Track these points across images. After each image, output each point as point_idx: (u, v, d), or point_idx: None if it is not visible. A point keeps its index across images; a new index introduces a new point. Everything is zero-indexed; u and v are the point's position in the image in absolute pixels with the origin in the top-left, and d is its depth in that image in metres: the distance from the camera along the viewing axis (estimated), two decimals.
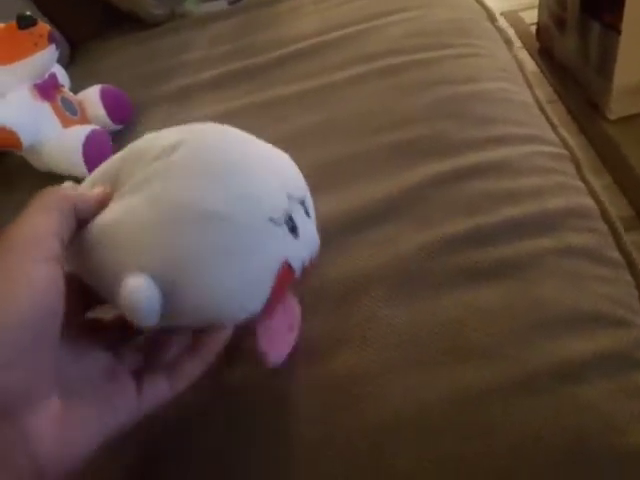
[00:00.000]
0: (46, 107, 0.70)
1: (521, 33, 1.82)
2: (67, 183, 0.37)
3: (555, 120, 0.61)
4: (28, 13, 0.66)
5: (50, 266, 0.27)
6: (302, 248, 0.35)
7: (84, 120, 0.76)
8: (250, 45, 0.87)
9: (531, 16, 1.83)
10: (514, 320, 0.42)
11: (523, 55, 1.70)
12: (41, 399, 0.25)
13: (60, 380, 0.27)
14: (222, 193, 0.32)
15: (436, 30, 0.72)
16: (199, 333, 0.36)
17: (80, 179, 0.71)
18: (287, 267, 0.34)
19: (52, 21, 1.05)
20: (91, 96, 0.77)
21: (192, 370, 0.35)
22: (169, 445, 0.41)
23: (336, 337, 0.44)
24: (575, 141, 0.59)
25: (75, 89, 0.79)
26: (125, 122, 0.78)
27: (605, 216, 0.51)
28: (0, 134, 0.65)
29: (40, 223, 0.28)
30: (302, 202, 0.37)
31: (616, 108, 1.37)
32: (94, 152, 0.70)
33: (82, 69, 0.99)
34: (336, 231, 0.51)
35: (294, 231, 0.34)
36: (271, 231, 0.33)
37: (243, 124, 0.39)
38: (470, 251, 0.47)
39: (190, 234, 0.31)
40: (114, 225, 0.31)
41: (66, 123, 0.72)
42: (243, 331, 0.37)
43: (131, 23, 1.08)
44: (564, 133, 0.59)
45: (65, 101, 0.73)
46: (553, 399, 0.38)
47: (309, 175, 0.38)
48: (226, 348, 0.36)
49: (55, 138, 0.70)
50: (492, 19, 0.81)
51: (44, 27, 0.67)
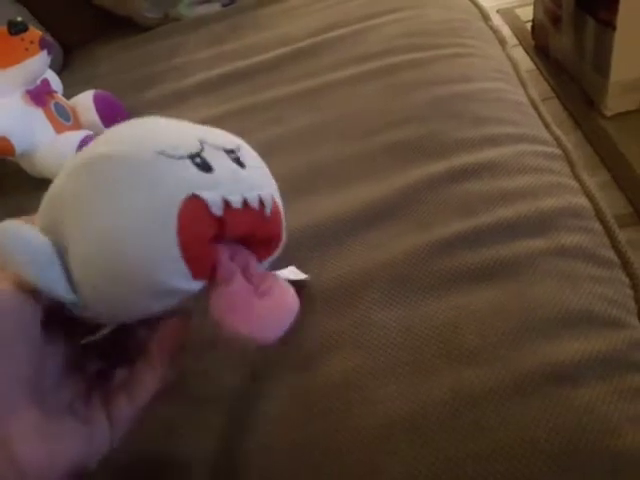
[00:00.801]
0: (39, 113, 0.70)
1: (516, 30, 1.82)
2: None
3: (549, 119, 0.61)
4: (19, 19, 0.66)
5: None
6: (218, 184, 0.31)
7: (77, 126, 0.75)
8: (244, 47, 0.87)
9: (526, 13, 1.83)
10: (508, 322, 0.42)
11: (518, 52, 1.70)
12: (21, 406, 0.25)
13: (37, 396, 0.26)
14: (116, 140, 0.31)
15: (430, 30, 0.72)
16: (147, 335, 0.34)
17: None
18: (194, 200, 0.29)
19: (45, 26, 1.05)
20: (84, 102, 0.77)
21: (151, 380, 0.32)
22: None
23: (330, 340, 0.44)
24: (571, 138, 0.59)
25: (68, 94, 0.79)
26: None
27: (600, 215, 0.51)
28: None
29: None
30: (228, 151, 0.33)
31: (612, 104, 1.36)
32: None
33: (75, 74, 0.99)
34: (331, 232, 0.50)
35: (204, 167, 0.31)
36: (163, 163, 0.29)
37: (237, 126, 0.39)
38: (464, 252, 0.47)
39: (73, 177, 0.29)
40: None
41: (59, 129, 0.72)
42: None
43: (125, 27, 1.08)
44: (558, 132, 0.59)
45: (58, 107, 0.73)
46: (547, 401, 0.38)
47: (304, 175, 0.38)
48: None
49: (48, 144, 0.70)
50: (486, 18, 0.80)
51: (35, 33, 0.67)
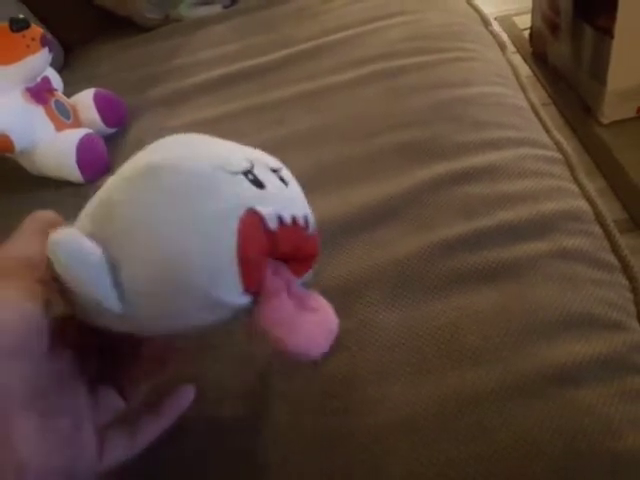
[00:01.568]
0: (39, 111, 0.70)
1: (514, 38, 1.83)
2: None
3: (549, 124, 0.61)
4: (21, 16, 0.66)
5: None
6: (271, 200, 0.30)
7: (77, 124, 0.75)
8: (245, 48, 0.87)
9: (524, 21, 1.84)
10: (509, 323, 0.42)
11: (516, 60, 1.71)
12: (22, 407, 0.25)
13: (38, 398, 0.26)
14: (171, 152, 0.30)
15: (431, 34, 0.73)
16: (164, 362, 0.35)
17: (73, 183, 0.71)
18: (252, 214, 0.29)
19: (46, 25, 1.05)
20: (85, 100, 0.77)
21: (153, 431, 0.33)
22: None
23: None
24: (568, 144, 0.59)
25: (69, 93, 0.79)
26: (119, 126, 0.78)
27: (600, 219, 0.51)
28: None
29: (34, 247, 0.28)
30: (273, 170, 0.33)
31: (609, 112, 1.37)
32: (88, 156, 0.70)
33: (76, 73, 0.98)
34: (332, 233, 0.50)
35: (257, 184, 0.30)
36: (221, 177, 0.29)
37: (239, 127, 0.39)
38: (465, 254, 0.47)
39: (130, 185, 0.29)
40: None
41: (59, 127, 0.72)
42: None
43: (125, 27, 1.08)
44: (558, 136, 0.60)
45: (58, 105, 0.73)
46: (548, 403, 0.38)
47: (306, 177, 0.38)
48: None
49: (48, 142, 0.70)
50: (486, 23, 0.81)
51: (37, 30, 0.67)
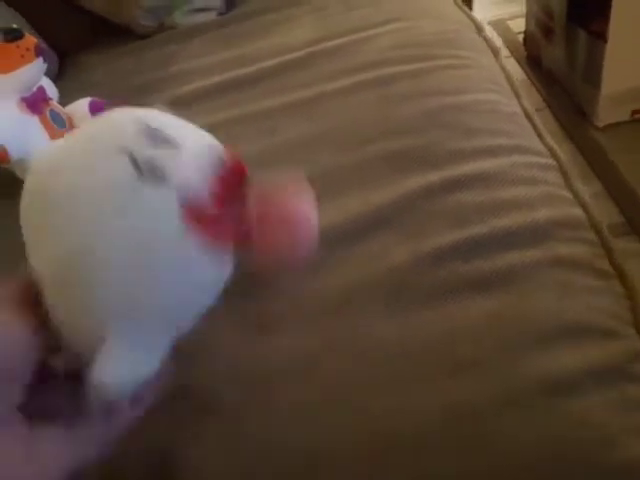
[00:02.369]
0: (34, 120, 0.70)
1: (508, 42, 1.84)
2: None
3: (543, 130, 0.62)
4: (15, 26, 0.66)
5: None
6: (188, 178, 0.28)
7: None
8: (239, 56, 0.87)
9: (518, 25, 1.85)
10: (504, 333, 0.42)
11: (510, 64, 1.72)
12: (6, 418, 0.25)
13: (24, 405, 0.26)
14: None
15: (425, 42, 0.73)
16: None
17: None
18: (187, 206, 0.27)
19: (40, 33, 1.05)
20: (80, 109, 0.77)
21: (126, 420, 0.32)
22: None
23: (326, 350, 0.44)
24: (563, 148, 0.60)
25: (63, 101, 0.79)
26: None
27: (595, 226, 0.51)
28: None
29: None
30: (150, 138, 0.29)
31: (603, 115, 1.38)
32: None
33: (71, 81, 0.98)
34: (325, 242, 0.50)
35: (156, 177, 0.27)
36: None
37: (232, 135, 0.39)
38: (459, 263, 0.47)
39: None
40: None
41: (55, 136, 0.71)
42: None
43: (120, 35, 1.08)
44: (552, 143, 0.60)
45: (54, 114, 0.73)
46: (545, 412, 0.38)
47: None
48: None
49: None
50: (479, 30, 0.81)
51: (31, 40, 0.67)
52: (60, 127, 0.73)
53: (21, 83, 0.67)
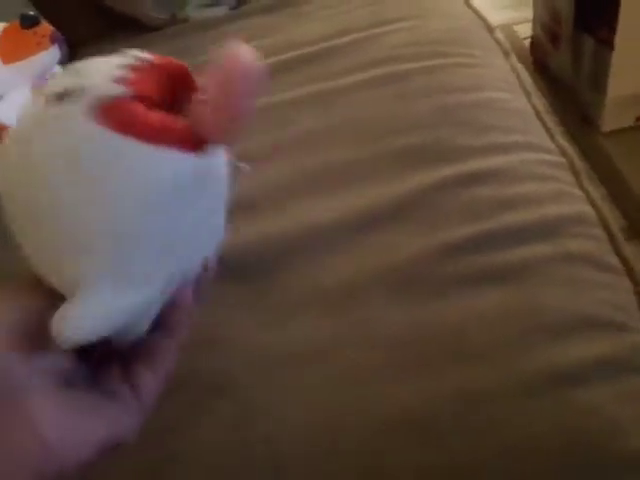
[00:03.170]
0: None
1: (515, 47, 1.84)
2: None
3: (554, 129, 0.62)
4: (32, 13, 0.66)
5: None
6: (95, 79, 0.26)
7: None
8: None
9: (525, 30, 1.85)
10: (514, 324, 0.43)
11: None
12: (38, 384, 0.25)
13: (58, 372, 0.27)
14: None
15: (437, 39, 0.73)
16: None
17: None
18: (100, 105, 0.25)
19: (52, 23, 1.05)
20: None
21: (170, 351, 0.31)
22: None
23: (339, 338, 0.44)
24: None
25: None
26: None
27: (604, 223, 0.52)
28: (1, 132, 0.65)
29: None
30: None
31: (609, 121, 1.38)
32: None
33: None
34: (339, 234, 0.51)
35: (61, 96, 0.25)
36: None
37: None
38: (471, 256, 0.47)
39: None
40: None
41: None
42: None
43: (131, 27, 1.08)
44: (562, 141, 0.60)
45: None
46: (554, 402, 0.39)
47: (312, 178, 0.38)
48: None
49: None
50: (490, 30, 0.82)
51: (47, 27, 0.68)
52: None
53: (36, 69, 0.68)
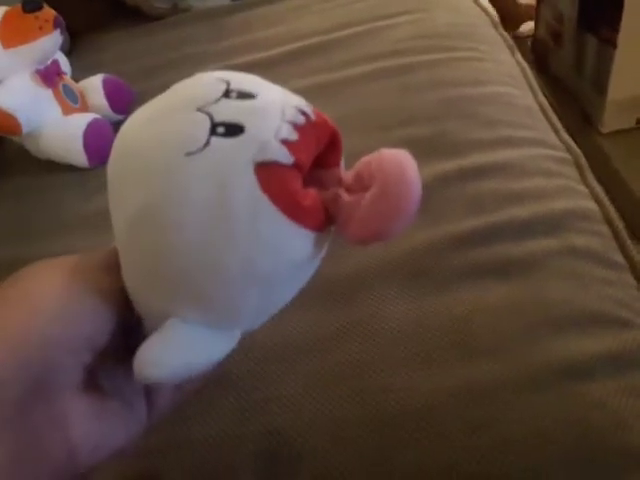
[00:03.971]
0: (48, 93, 0.69)
1: (516, 45, 1.84)
2: None
3: (559, 125, 0.62)
4: None
5: None
6: (263, 127, 0.24)
7: (85, 109, 0.75)
8: (253, 41, 0.87)
9: (527, 28, 1.85)
10: (520, 318, 0.42)
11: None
12: (75, 383, 0.25)
13: (91, 375, 0.26)
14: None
15: (442, 33, 0.73)
16: None
17: (79, 167, 0.71)
18: (262, 163, 0.23)
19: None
20: (93, 85, 0.76)
21: (196, 381, 0.30)
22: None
23: (343, 330, 0.44)
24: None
25: (75, 79, 0.78)
26: (126, 113, 0.77)
27: (608, 219, 0.52)
28: (0, 117, 0.64)
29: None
30: (226, 93, 0.26)
31: (609, 122, 1.38)
32: (94, 141, 0.69)
33: (82, 59, 0.98)
34: None
35: (231, 130, 0.24)
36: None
37: None
38: (476, 249, 0.47)
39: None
40: None
41: (67, 110, 0.71)
42: None
43: (132, 16, 1.08)
44: (567, 138, 0.60)
45: (67, 89, 0.73)
46: (559, 396, 0.38)
47: None
48: None
49: (55, 125, 0.69)
50: (495, 25, 0.82)
51: (50, 12, 0.67)
52: (73, 102, 0.73)
53: (37, 54, 0.67)
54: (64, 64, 0.75)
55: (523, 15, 1.69)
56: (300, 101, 0.26)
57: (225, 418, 0.40)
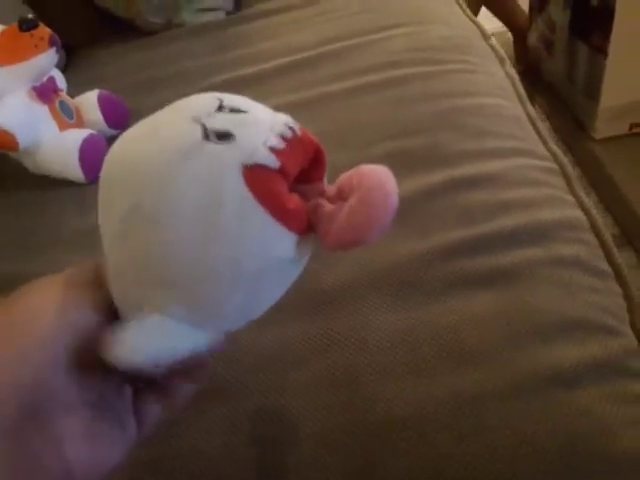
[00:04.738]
0: (44, 110, 0.70)
1: (510, 54, 1.86)
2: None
3: (547, 135, 0.63)
4: (30, 15, 0.66)
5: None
6: (253, 136, 0.26)
7: (81, 124, 0.76)
8: (247, 55, 0.88)
9: None
10: (507, 326, 0.43)
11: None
12: (69, 404, 0.25)
13: (87, 397, 0.27)
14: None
15: (433, 46, 0.74)
16: None
17: (75, 183, 0.72)
18: (250, 167, 0.25)
19: (48, 26, 1.05)
20: (89, 101, 0.77)
21: (185, 394, 0.32)
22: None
23: (332, 340, 0.44)
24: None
25: (70, 94, 0.79)
26: (120, 128, 0.78)
27: (594, 228, 0.52)
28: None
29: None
30: (219, 108, 0.27)
31: (602, 128, 1.40)
32: (90, 156, 0.70)
33: (77, 75, 0.99)
34: None
35: (222, 137, 0.26)
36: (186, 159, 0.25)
37: None
38: (464, 260, 0.48)
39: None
40: None
41: (63, 126, 0.72)
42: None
43: (127, 31, 1.09)
44: (555, 148, 0.61)
45: (63, 105, 0.74)
46: (545, 403, 0.39)
47: None
48: None
49: (52, 141, 0.70)
50: (486, 38, 0.83)
51: (45, 30, 0.68)
52: (68, 118, 0.74)
53: (33, 72, 0.68)
54: (60, 80, 0.76)
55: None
56: (288, 118, 0.28)
57: (215, 427, 0.41)
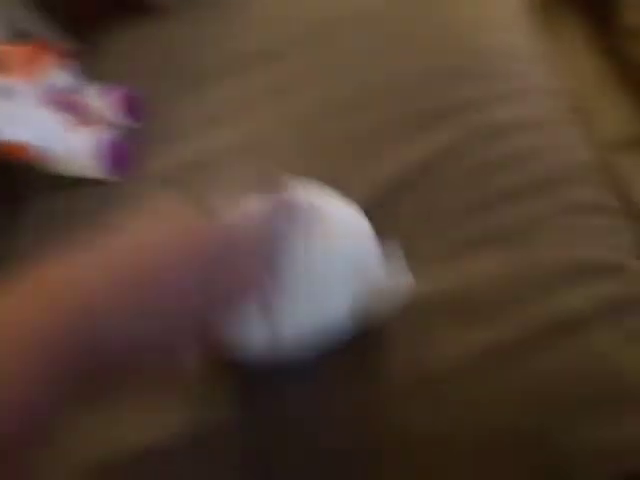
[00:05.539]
0: (57, 115, 0.73)
1: None
2: None
3: (552, 67, 0.61)
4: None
5: None
6: None
7: (94, 122, 0.77)
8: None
9: None
10: (517, 280, 0.44)
11: None
12: None
13: None
14: None
15: None
16: None
17: (91, 184, 0.73)
18: None
19: (56, 6, 1.03)
20: (101, 97, 0.79)
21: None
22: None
23: None
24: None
25: (85, 82, 0.79)
26: (138, 121, 0.79)
27: (604, 167, 0.51)
28: (14, 148, 0.68)
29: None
30: None
31: None
32: (109, 152, 0.73)
33: (88, 71, 0.97)
34: None
35: None
36: None
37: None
38: (473, 218, 0.48)
39: None
40: None
41: (77, 126, 0.74)
42: None
43: (139, 13, 1.06)
44: (568, 85, 0.59)
45: (74, 105, 0.75)
46: (558, 352, 0.41)
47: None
48: None
49: (68, 142, 0.73)
50: None
51: (59, 44, 0.70)
52: (82, 117, 0.76)
53: (48, 85, 0.71)
54: (71, 82, 0.78)
55: None
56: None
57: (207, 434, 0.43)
